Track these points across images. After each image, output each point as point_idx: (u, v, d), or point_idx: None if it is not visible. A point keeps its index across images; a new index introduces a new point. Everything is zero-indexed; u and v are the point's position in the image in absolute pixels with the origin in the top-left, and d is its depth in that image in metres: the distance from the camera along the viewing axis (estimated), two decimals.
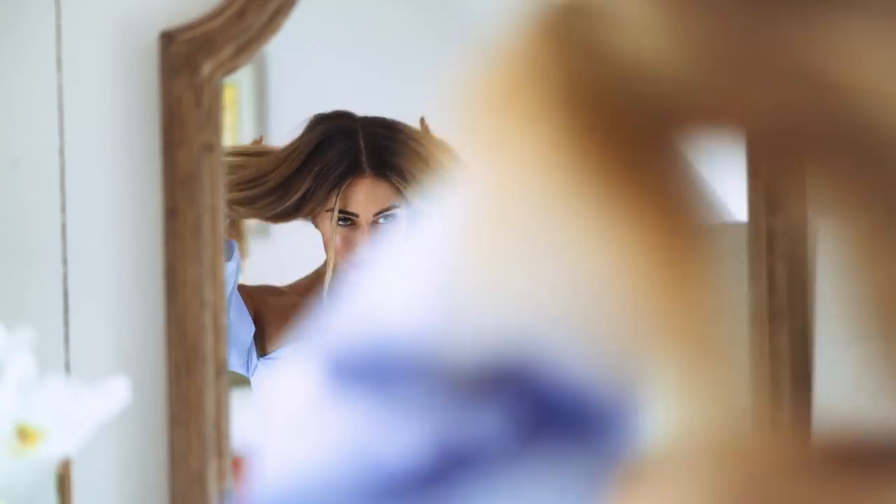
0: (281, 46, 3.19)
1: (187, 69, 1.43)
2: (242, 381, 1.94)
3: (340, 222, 1.94)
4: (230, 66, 1.45)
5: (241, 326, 1.91)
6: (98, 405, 1.02)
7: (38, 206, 1.42)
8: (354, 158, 1.96)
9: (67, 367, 1.41)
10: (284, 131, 1.99)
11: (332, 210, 1.93)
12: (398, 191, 1.96)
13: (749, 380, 1.59)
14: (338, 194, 1.93)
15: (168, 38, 1.42)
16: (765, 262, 1.58)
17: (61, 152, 1.43)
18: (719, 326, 0.44)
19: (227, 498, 1.42)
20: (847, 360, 1.43)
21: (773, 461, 0.42)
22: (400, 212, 1.96)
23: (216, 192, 1.43)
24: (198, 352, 1.41)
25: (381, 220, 1.94)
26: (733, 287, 1.62)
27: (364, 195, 1.95)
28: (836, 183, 0.43)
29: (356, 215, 1.94)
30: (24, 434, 0.98)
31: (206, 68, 1.43)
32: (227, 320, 1.85)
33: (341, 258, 1.95)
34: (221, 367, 1.41)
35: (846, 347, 1.43)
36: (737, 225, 1.63)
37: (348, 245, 1.94)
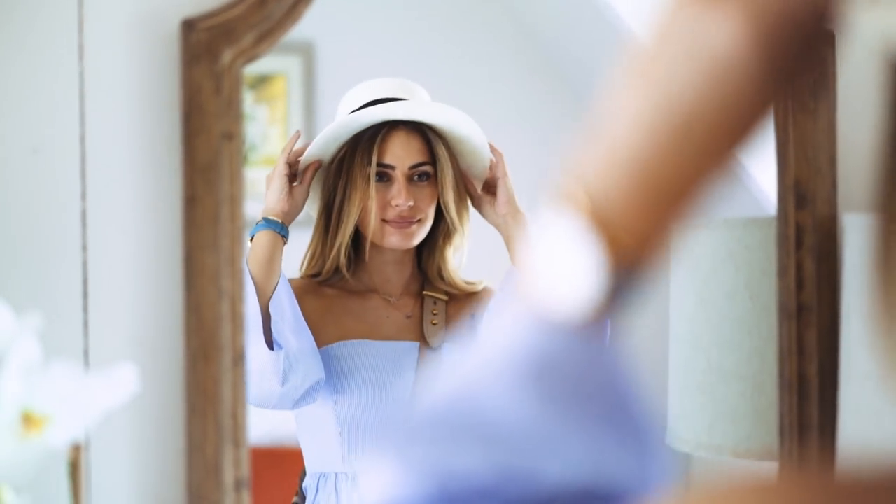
0: (329, 37, 3.19)
1: (208, 57, 1.42)
2: None
3: (377, 179, 1.95)
4: (251, 55, 1.44)
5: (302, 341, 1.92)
6: (105, 392, 1.02)
7: (58, 193, 1.43)
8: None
9: (86, 355, 1.41)
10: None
11: (368, 166, 1.93)
12: (430, 146, 1.97)
13: (776, 375, 1.57)
14: (375, 145, 1.93)
15: (189, 26, 1.42)
16: (793, 257, 1.56)
17: (82, 140, 1.43)
18: None
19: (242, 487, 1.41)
20: (874, 357, 1.41)
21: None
22: (432, 170, 1.97)
23: (235, 181, 1.42)
24: (215, 340, 1.40)
25: (416, 178, 1.96)
26: (762, 281, 1.60)
27: (400, 147, 1.95)
28: None
29: (392, 167, 1.95)
30: (28, 420, 0.98)
31: (227, 56, 1.43)
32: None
33: (380, 214, 1.95)
34: (239, 356, 1.41)
35: (873, 344, 1.41)
36: (766, 219, 1.61)
37: (385, 201, 1.95)
